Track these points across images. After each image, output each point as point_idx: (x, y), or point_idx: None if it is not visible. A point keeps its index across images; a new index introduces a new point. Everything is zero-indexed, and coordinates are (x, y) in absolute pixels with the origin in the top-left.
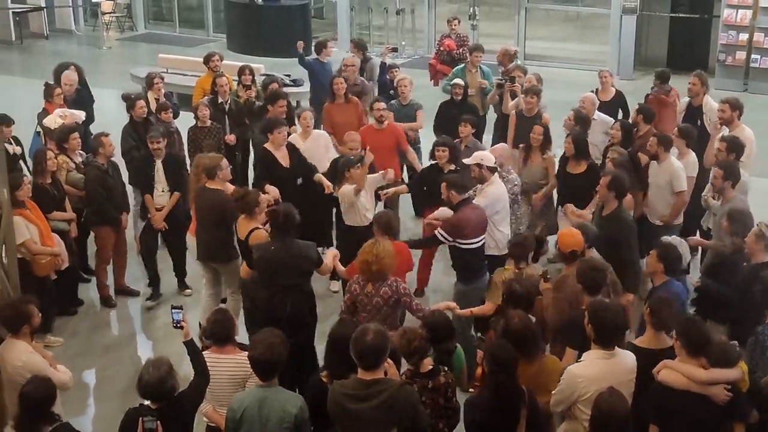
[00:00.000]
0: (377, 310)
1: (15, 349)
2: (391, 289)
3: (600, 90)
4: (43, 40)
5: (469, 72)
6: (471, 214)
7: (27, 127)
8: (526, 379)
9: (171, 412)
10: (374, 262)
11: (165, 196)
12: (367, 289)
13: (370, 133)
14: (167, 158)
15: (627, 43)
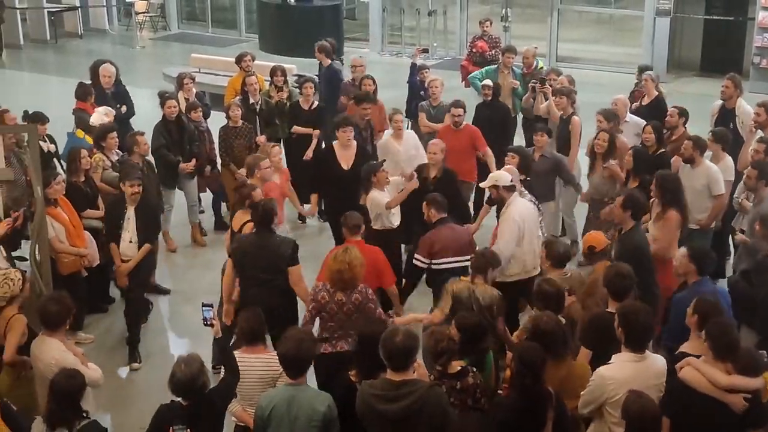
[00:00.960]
0: (348, 317)
1: (48, 347)
2: (362, 295)
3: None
4: (78, 39)
5: (502, 73)
6: (445, 232)
7: (61, 126)
8: (554, 382)
9: (201, 410)
10: (346, 270)
11: (133, 247)
12: (337, 297)
13: (447, 133)
14: (141, 205)
15: (660, 46)
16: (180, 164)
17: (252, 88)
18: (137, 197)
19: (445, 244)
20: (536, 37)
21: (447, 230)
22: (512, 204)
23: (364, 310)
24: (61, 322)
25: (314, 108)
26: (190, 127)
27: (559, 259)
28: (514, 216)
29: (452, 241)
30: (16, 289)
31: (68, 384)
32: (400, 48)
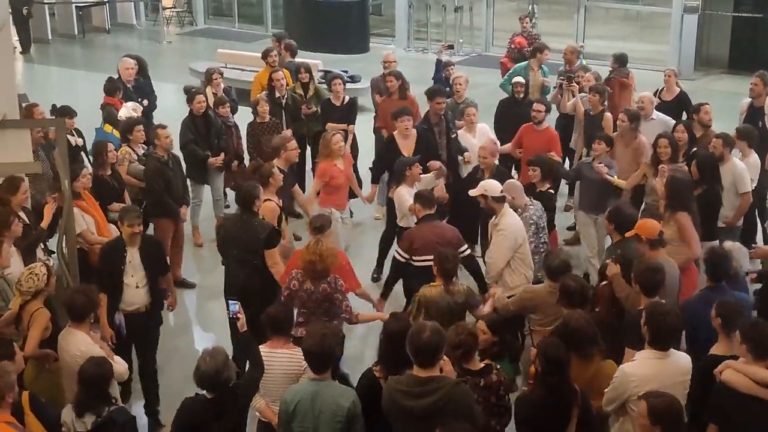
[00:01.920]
0: (317, 305)
1: (74, 339)
2: (330, 286)
3: (664, 89)
4: (105, 34)
5: (532, 70)
6: (427, 229)
7: (89, 120)
8: (581, 381)
9: (225, 403)
10: (318, 261)
11: (141, 293)
12: (306, 286)
13: (529, 131)
14: (144, 244)
15: (688, 43)
16: (209, 159)
17: (278, 83)
18: (137, 238)
19: (425, 242)
20: (563, 33)
21: (430, 228)
22: (506, 215)
23: (331, 301)
24: (87, 314)
25: (346, 103)
26: (218, 122)
27: (553, 271)
28: (511, 228)
29: (433, 238)
30: (41, 284)
31: (96, 371)
32: (425, 44)
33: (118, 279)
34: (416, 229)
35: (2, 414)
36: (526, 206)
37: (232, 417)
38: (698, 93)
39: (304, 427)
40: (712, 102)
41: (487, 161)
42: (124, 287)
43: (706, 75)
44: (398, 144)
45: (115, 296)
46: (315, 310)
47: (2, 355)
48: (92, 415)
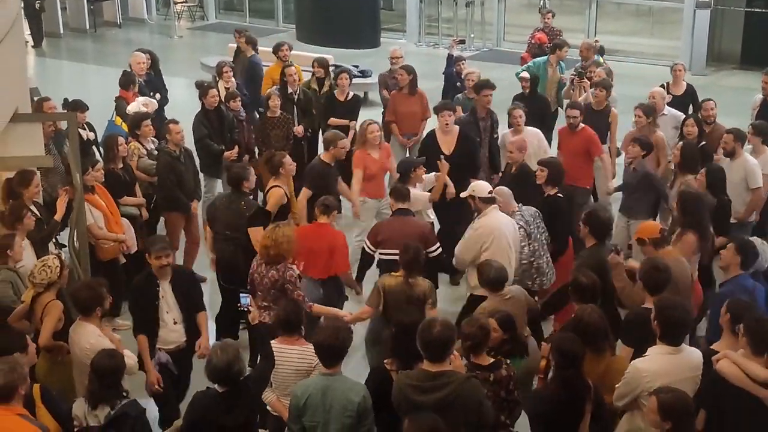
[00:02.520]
0: (267, 290)
1: (84, 332)
2: (278, 273)
3: (672, 83)
4: (116, 28)
5: (551, 66)
6: (395, 223)
7: (100, 114)
8: (594, 376)
9: (237, 396)
10: (272, 246)
11: (179, 329)
12: (261, 269)
13: (565, 135)
14: (176, 276)
15: (700, 38)
16: (224, 153)
17: (291, 78)
18: (168, 270)
19: (390, 235)
20: (574, 29)
21: (398, 222)
22: (486, 215)
23: (280, 289)
24: (92, 307)
25: (350, 99)
26: (230, 115)
27: (491, 282)
28: (481, 227)
29: (399, 233)
30: (54, 276)
31: (109, 363)
32: (437, 39)
33: (153, 316)
34: (385, 222)
35: (15, 406)
36: (513, 213)
37: (243, 410)
38: (710, 89)
39: (314, 421)
40: (723, 98)
41: (513, 156)
42: (160, 324)
43: (718, 71)
44: (438, 140)
45: (152, 335)
46: (266, 295)
47: (15, 348)
48: (105, 407)
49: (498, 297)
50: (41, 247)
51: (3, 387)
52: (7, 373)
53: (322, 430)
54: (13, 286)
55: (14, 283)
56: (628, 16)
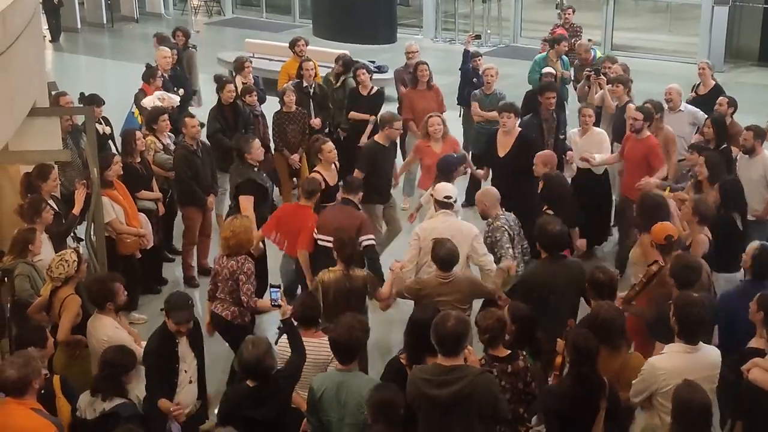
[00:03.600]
0: (225, 281)
1: (101, 325)
2: (237, 264)
3: (701, 84)
4: (133, 23)
5: (551, 61)
6: (332, 211)
7: (117, 108)
8: (609, 373)
9: (268, 391)
10: (231, 237)
11: (193, 388)
12: (222, 260)
13: (630, 140)
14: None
15: (718, 35)
16: None
17: (307, 72)
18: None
19: (324, 222)
20: (592, 25)
21: (334, 210)
22: (433, 218)
23: (235, 280)
24: (103, 301)
25: (373, 93)
26: (245, 111)
27: (437, 261)
28: (420, 229)
29: (332, 221)
30: (71, 270)
31: (114, 357)
32: (453, 35)
33: (172, 380)
34: (327, 209)
35: (29, 400)
36: (497, 216)
37: (274, 405)
38: (728, 86)
39: (329, 416)
40: (741, 95)
41: (537, 170)
42: (177, 386)
43: (736, 67)
44: (497, 141)
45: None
46: (224, 286)
47: (34, 341)
48: (102, 402)
49: (440, 278)
50: (59, 241)
51: (17, 381)
52: (21, 367)
53: (337, 426)
54: (31, 279)
55: (32, 277)
56: (646, 12)
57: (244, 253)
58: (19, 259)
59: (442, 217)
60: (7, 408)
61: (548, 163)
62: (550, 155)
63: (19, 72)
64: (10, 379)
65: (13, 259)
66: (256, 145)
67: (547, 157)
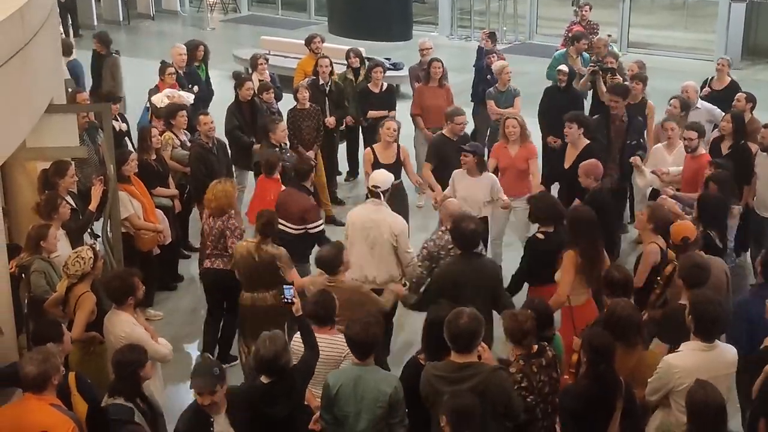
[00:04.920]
0: (215, 240)
1: (119, 321)
2: (223, 224)
3: (715, 78)
4: (150, 20)
5: (571, 57)
6: (283, 194)
7: (133, 105)
8: (625, 371)
9: (283, 387)
10: (212, 200)
11: None
12: (209, 220)
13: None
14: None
15: (735, 32)
16: (253, 145)
17: (323, 69)
18: (219, 404)
19: (278, 204)
20: (608, 22)
21: (284, 193)
22: (361, 205)
23: (225, 236)
24: (123, 297)
25: (384, 90)
26: (263, 108)
27: (324, 264)
28: (348, 216)
29: (280, 204)
30: (87, 267)
31: (124, 357)
32: (469, 32)
33: None
34: (282, 192)
35: (48, 396)
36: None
37: (289, 401)
38: (744, 83)
39: (346, 411)
40: (758, 92)
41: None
42: None
43: (753, 65)
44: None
45: None
46: (216, 244)
47: (51, 336)
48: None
49: (327, 281)
50: (76, 237)
51: (36, 376)
52: (41, 362)
53: (354, 421)
54: (47, 275)
55: (47, 273)
56: (662, 9)
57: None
58: (35, 255)
59: (369, 206)
60: (27, 404)
61: (591, 173)
62: (593, 166)
63: (36, 69)
64: (30, 375)
65: (29, 256)
66: (281, 127)
67: (589, 168)
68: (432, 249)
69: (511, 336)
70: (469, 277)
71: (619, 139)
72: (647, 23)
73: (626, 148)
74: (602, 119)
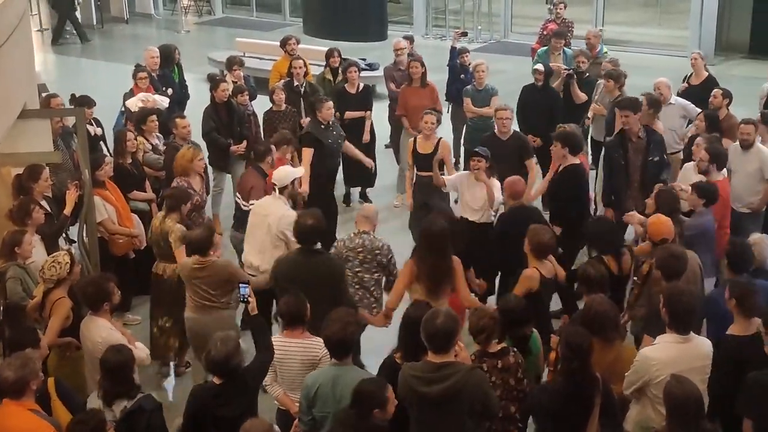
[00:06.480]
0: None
1: (95, 326)
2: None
3: (693, 75)
4: (123, 24)
5: (552, 55)
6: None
7: (107, 109)
8: (602, 366)
9: (235, 388)
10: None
11: None
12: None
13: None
14: None
15: (708, 27)
16: (230, 147)
17: (296, 71)
18: None
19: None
20: (583, 19)
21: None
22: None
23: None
24: (98, 302)
25: (361, 91)
26: (240, 109)
27: (195, 247)
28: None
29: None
30: (64, 272)
31: (116, 359)
32: (444, 31)
33: None
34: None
35: (27, 401)
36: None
37: (242, 402)
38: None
39: (325, 411)
40: (732, 87)
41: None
42: None
43: (727, 59)
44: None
45: None
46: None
47: (26, 343)
48: (121, 402)
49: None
50: (52, 242)
51: (15, 382)
52: (19, 368)
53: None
54: (23, 282)
55: (23, 280)
56: (636, 6)
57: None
58: (10, 261)
59: (269, 198)
60: (6, 409)
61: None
62: (513, 183)
63: (9, 74)
64: (8, 381)
65: (4, 262)
66: (327, 106)
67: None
68: (340, 248)
69: (470, 331)
70: (303, 272)
71: (639, 157)
72: (621, 20)
73: (647, 165)
74: (619, 137)
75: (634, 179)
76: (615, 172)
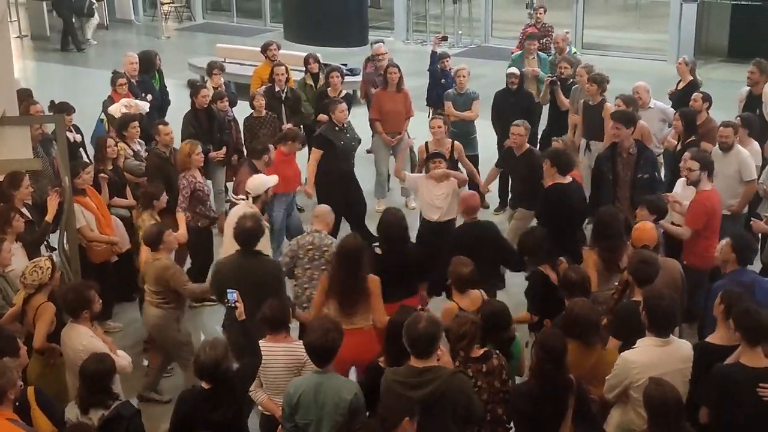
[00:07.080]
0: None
1: (76, 333)
2: (186, 180)
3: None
4: (103, 30)
5: (527, 59)
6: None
7: (87, 116)
8: (584, 369)
9: (224, 393)
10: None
11: None
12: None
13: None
14: None
15: (687, 31)
16: (210, 153)
17: (278, 77)
18: None
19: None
20: (562, 24)
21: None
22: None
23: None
24: (78, 310)
25: (343, 96)
26: (220, 115)
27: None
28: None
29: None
30: (45, 278)
31: (97, 368)
32: (425, 36)
33: None
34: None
35: (4, 410)
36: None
37: (230, 407)
38: None
39: (307, 419)
40: (711, 90)
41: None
42: None
43: (706, 63)
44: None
45: None
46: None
47: (6, 351)
48: (97, 410)
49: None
50: (33, 249)
51: None
52: None
53: (315, 428)
54: (2, 291)
55: (3, 288)
56: (616, 10)
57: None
58: None
59: (242, 206)
60: None
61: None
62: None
63: None
64: None
65: None
66: (341, 108)
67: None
68: (293, 248)
69: (451, 337)
70: (240, 274)
71: (628, 173)
72: (601, 24)
73: (637, 183)
74: (610, 150)
75: (623, 195)
76: (603, 185)
